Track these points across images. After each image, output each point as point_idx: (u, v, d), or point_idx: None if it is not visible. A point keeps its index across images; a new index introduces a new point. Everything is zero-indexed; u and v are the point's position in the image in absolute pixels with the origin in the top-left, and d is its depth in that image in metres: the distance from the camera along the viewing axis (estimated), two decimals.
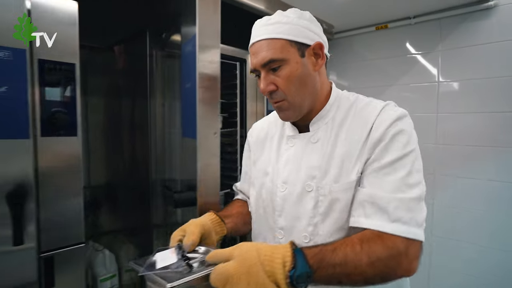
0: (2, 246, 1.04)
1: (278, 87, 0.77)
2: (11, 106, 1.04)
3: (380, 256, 0.61)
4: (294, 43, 0.76)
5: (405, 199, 0.67)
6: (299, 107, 0.79)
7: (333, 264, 0.58)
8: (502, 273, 1.81)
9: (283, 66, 0.76)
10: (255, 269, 0.53)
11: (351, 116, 0.79)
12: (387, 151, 0.71)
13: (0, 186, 1.03)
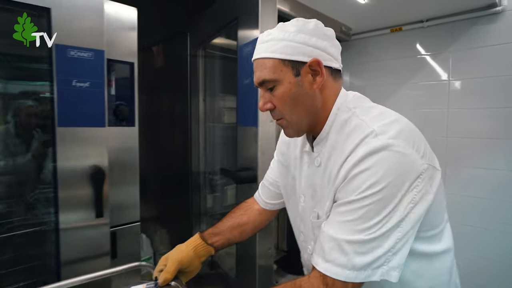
0: (87, 219, 1.21)
1: (275, 106, 0.74)
2: (93, 98, 1.22)
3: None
4: (287, 62, 0.71)
5: (343, 241, 0.63)
6: (297, 126, 0.76)
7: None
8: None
9: (277, 86, 0.72)
10: None
11: (339, 143, 0.72)
12: (345, 190, 0.66)
13: (85, 167, 1.20)
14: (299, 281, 0.68)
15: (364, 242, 0.62)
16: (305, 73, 0.72)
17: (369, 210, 0.62)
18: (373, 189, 0.62)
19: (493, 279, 2.08)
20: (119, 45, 1.41)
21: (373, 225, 0.62)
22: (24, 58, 1.20)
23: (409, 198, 0.63)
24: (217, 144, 1.87)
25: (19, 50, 1.14)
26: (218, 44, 1.71)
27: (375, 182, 0.62)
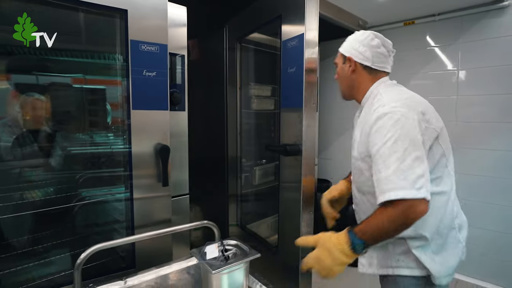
0: (155, 188, 1.44)
1: (337, 78, 1.24)
2: (158, 86, 1.43)
3: (388, 219, 0.91)
4: (342, 55, 1.19)
5: (383, 177, 0.92)
6: (342, 92, 1.24)
7: (371, 232, 0.93)
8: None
9: (337, 66, 1.22)
10: (333, 251, 0.92)
11: (368, 110, 1.09)
12: (371, 144, 0.99)
13: (154, 143, 1.42)
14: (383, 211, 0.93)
15: (400, 170, 0.90)
16: (346, 63, 1.17)
17: (389, 153, 0.92)
18: (384, 140, 0.94)
19: (493, 248, 2.31)
20: (174, 40, 1.63)
21: (396, 160, 0.91)
22: (107, 54, 1.41)
23: (413, 144, 0.93)
24: (251, 129, 2.10)
25: (105, 47, 1.36)
26: (253, 38, 1.92)
27: (384, 136, 0.94)
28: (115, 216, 1.53)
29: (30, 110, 1.38)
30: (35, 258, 1.34)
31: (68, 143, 1.47)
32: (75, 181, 1.49)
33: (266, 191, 2.18)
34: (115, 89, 1.43)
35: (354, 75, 1.16)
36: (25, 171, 1.39)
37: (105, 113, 1.48)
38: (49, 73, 1.42)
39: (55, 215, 1.43)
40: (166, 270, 1.23)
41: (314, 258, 0.96)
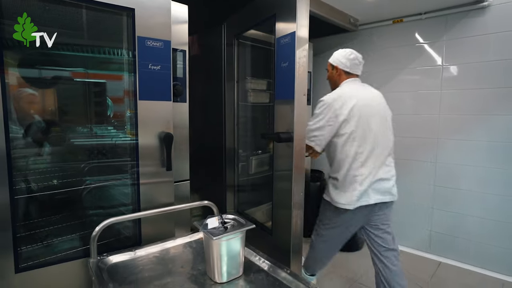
0: (160, 173, 1.57)
1: (327, 78, 1.93)
2: (163, 78, 1.56)
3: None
4: (330, 64, 1.88)
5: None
6: (331, 88, 1.91)
7: None
8: (499, 215, 2.40)
9: (328, 70, 1.91)
10: None
11: None
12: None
13: (158, 131, 1.55)
14: None
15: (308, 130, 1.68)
16: (334, 69, 1.86)
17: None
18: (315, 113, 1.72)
19: (482, 233, 2.49)
20: (176, 36, 1.75)
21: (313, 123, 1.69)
22: (116, 49, 1.54)
23: (324, 119, 1.66)
24: (248, 121, 2.23)
25: (115, 43, 1.49)
26: (250, 35, 2.06)
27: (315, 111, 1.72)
28: (123, 200, 1.67)
29: (45, 102, 1.51)
30: (55, 236, 1.48)
31: (79, 134, 1.61)
32: (87, 168, 1.62)
33: (261, 180, 2.33)
34: (123, 82, 1.55)
35: (338, 76, 1.86)
36: (42, 158, 1.53)
37: (110, 105, 1.61)
38: (62, 68, 1.54)
39: (71, 199, 1.58)
40: (170, 244, 1.37)
41: None
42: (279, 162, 1.65)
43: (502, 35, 2.26)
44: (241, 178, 2.36)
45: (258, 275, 1.14)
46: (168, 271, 1.16)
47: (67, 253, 1.42)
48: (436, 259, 2.67)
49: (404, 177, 2.78)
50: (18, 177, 1.32)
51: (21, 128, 1.40)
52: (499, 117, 2.32)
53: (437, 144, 2.60)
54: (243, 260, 1.14)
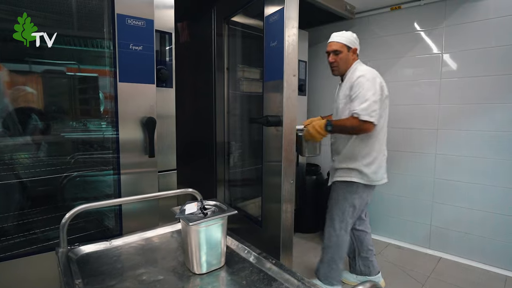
0: (142, 161, 1.48)
1: (335, 61, 1.88)
2: (145, 59, 1.47)
3: (351, 124, 1.74)
4: (346, 46, 1.87)
5: (358, 105, 1.72)
6: (342, 70, 1.91)
7: (337, 123, 1.79)
8: (503, 208, 2.30)
9: (340, 54, 1.86)
10: (318, 125, 1.77)
11: (349, 77, 1.87)
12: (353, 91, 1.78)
13: (140, 116, 1.46)
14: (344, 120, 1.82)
15: (367, 105, 1.71)
16: (351, 52, 1.89)
17: (363, 95, 1.73)
18: (362, 88, 1.75)
19: (485, 227, 2.39)
20: (162, 18, 1.66)
21: (366, 100, 1.72)
22: (94, 28, 1.45)
23: (377, 93, 1.74)
24: (239, 110, 2.14)
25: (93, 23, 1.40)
26: (240, 20, 1.97)
27: (361, 86, 1.76)
28: (104, 191, 1.58)
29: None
30: (29, 228, 1.40)
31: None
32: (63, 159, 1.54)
33: (254, 172, 2.24)
34: (103, 61, 1.46)
35: (352, 58, 1.90)
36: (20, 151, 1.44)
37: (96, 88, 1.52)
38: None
39: (48, 190, 1.49)
40: (150, 233, 1.28)
41: (310, 128, 1.80)
42: (269, 151, 1.56)
43: (505, 19, 2.16)
44: (233, 170, 2.27)
45: (242, 266, 1.05)
46: (145, 261, 1.06)
47: (41, 245, 1.34)
48: (436, 254, 2.57)
49: (403, 169, 2.69)
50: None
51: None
52: (503, 106, 2.22)
53: (436, 135, 2.51)
54: (224, 250, 1.05)
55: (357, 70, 1.81)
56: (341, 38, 1.85)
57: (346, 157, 1.88)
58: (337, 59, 1.85)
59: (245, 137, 2.27)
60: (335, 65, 1.87)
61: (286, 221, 1.52)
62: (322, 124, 1.75)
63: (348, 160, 1.87)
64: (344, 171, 1.89)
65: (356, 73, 1.78)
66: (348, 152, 1.88)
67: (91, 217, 1.62)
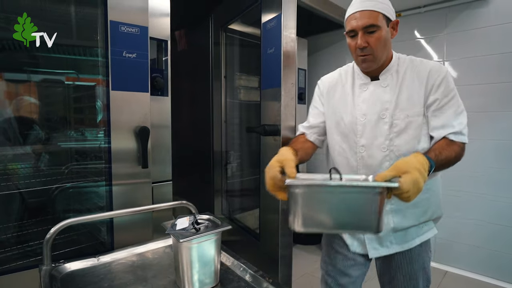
0: (135, 172, 1.43)
1: (369, 45, 1.05)
2: (139, 67, 1.43)
3: (454, 155, 1.07)
4: (386, 17, 1.06)
5: (463, 123, 1.11)
6: (379, 59, 1.09)
7: (441, 159, 1.02)
8: (508, 219, 2.22)
9: (377, 30, 1.04)
10: (423, 172, 0.89)
11: (409, 70, 1.12)
12: (444, 92, 1.08)
13: (134, 126, 1.41)
14: (446, 142, 1.09)
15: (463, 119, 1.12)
16: (391, 26, 1.10)
17: (460, 104, 1.11)
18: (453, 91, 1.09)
19: (492, 240, 2.31)
20: (157, 25, 1.63)
21: (462, 108, 1.12)
22: (84, 34, 1.41)
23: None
24: (236, 119, 2.10)
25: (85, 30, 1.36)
26: (237, 28, 1.94)
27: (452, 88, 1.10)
28: (95, 203, 1.52)
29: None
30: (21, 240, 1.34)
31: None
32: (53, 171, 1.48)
33: (250, 181, 2.18)
34: (96, 70, 1.42)
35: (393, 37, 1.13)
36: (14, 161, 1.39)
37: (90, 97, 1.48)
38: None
39: (36, 203, 1.43)
40: (141, 249, 1.22)
41: (412, 182, 0.87)
42: (266, 161, 1.50)
43: (506, 26, 2.13)
44: (230, 180, 2.21)
45: (237, 285, 0.98)
46: (134, 280, 1.00)
47: (24, 262, 1.27)
48: (442, 268, 2.48)
49: None
50: None
51: None
52: (507, 114, 2.17)
53: None
54: (218, 267, 0.98)
55: (419, 62, 1.13)
56: (376, 4, 1.04)
57: (425, 205, 1.20)
58: (372, 42, 1.05)
59: (243, 146, 2.21)
60: (368, 52, 1.07)
61: (284, 235, 1.45)
62: (424, 162, 0.93)
63: (427, 208, 1.23)
64: (420, 228, 1.25)
65: (422, 66, 1.11)
66: (430, 198, 1.22)
67: (83, 230, 1.56)
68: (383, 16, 1.05)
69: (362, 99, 1.16)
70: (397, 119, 1.10)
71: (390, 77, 1.13)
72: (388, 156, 1.12)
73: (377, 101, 1.13)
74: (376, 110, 1.13)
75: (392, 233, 1.19)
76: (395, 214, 1.17)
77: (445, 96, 1.08)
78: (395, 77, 1.13)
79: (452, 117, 1.09)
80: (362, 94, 1.17)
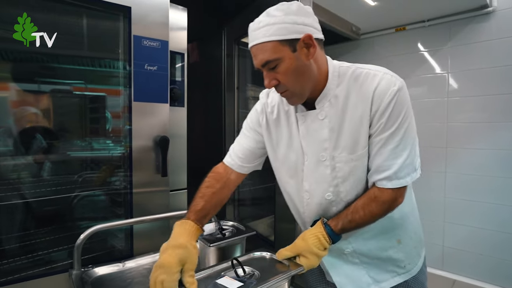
0: (155, 180, 1.47)
1: (279, 81, 0.84)
2: (159, 79, 1.49)
3: (377, 213, 0.88)
4: (284, 41, 0.80)
5: (399, 163, 0.85)
6: (300, 93, 0.87)
7: (350, 228, 0.89)
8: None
9: (279, 64, 0.82)
10: (320, 254, 0.86)
11: (352, 92, 0.87)
12: (386, 124, 0.83)
13: (154, 135, 1.47)
14: (372, 195, 0.89)
15: (407, 158, 0.86)
16: (300, 47, 0.82)
17: (404, 132, 0.84)
18: (406, 116, 0.84)
19: (501, 249, 2.33)
20: (175, 39, 1.70)
21: (408, 144, 0.85)
22: (111, 49, 1.47)
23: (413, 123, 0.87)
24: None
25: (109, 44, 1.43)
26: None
27: (406, 112, 0.84)
28: (115, 211, 1.55)
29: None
30: (40, 249, 1.37)
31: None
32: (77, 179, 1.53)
33: (261, 189, 2.21)
34: (119, 81, 1.48)
35: (313, 59, 0.85)
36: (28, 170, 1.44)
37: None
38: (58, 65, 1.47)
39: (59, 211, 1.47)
40: None
41: (308, 265, 0.88)
42: None
43: (508, 40, 2.20)
44: (242, 189, 2.25)
45: None
46: None
47: (52, 266, 1.30)
48: (450, 276, 2.50)
49: (413, 189, 2.66)
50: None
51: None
52: (510, 125, 2.22)
53: (446, 154, 2.50)
54: None
55: (363, 77, 0.88)
56: (266, 30, 0.81)
57: (415, 233, 1.08)
58: (280, 78, 0.85)
59: None
60: (282, 89, 0.88)
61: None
62: (325, 243, 0.89)
63: (417, 237, 1.08)
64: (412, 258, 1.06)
65: (366, 84, 0.86)
66: (415, 224, 1.09)
67: (98, 238, 1.59)
68: (280, 42, 0.80)
69: (302, 135, 0.94)
70: (339, 162, 0.90)
71: (328, 105, 0.89)
72: (335, 201, 0.94)
73: (315, 139, 0.91)
74: (314, 149, 0.92)
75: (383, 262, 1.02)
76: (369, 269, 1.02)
77: (388, 128, 0.84)
78: (335, 105, 0.89)
79: (391, 154, 0.85)
80: (301, 127, 0.94)
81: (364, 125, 0.85)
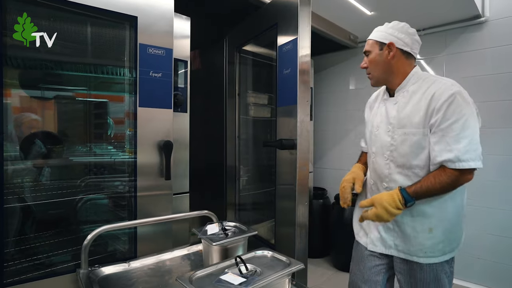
0: (158, 183, 1.51)
1: (367, 66, 1.31)
2: (164, 86, 1.54)
3: (446, 181, 1.11)
4: (377, 42, 1.26)
5: (459, 148, 1.09)
6: (376, 78, 1.30)
7: (422, 192, 1.12)
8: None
9: (369, 54, 1.29)
10: (389, 209, 1.11)
11: (420, 90, 1.19)
12: (443, 118, 1.11)
13: (158, 140, 1.51)
14: (442, 169, 1.13)
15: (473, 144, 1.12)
16: (385, 49, 1.24)
17: (463, 128, 1.10)
18: (459, 116, 1.11)
19: (490, 250, 2.36)
20: (178, 47, 1.76)
21: (469, 134, 1.11)
22: (117, 56, 1.53)
23: (476, 122, 1.15)
24: (249, 133, 2.20)
25: (116, 51, 1.49)
26: (251, 49, 2.08)
27: (459, 113, 1.10)
28: (119, 213, 1.59)
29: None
30: (46, 251, 1.40)
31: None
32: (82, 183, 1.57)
33: (261, 194, 2.25)
34: (124, 88, 1.53)
35: (393, 60, 1.23)
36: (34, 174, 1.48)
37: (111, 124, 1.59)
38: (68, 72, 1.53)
39: (64, 214, 1.50)
40: (167, 255, 1.29)
41: (374, 215, 1.14)
42: (282, 175, 1.59)
43: (500, 49, 2.27)
44: (242, 193, 2.29)
45: None
46: (164, 283, 1.07)
47: (57, 268, 1.34)
48: (454, 282, 2.51)
49: None
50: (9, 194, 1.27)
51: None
52: (509, 130, 2.28)
53: None
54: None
55: (428, 81, 1.20)
56: (373, 33, 1.30)
57: (451, 232, 1.27)
58: (367, 64, 1.31)
59: (255, 161, 2.31)
60: (367, 72, 1.33)
61: (300, 247, 1.53)
62: (397, 201, 1.11)
63: (451, 237, 1.28)
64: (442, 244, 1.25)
65: (432, 87, 1.16)
66: (454, 224, 1.29)
67: (101, 241, 1.62)
68: (375, 42, 1.27)
69: (379, 113, 1.33)
70: (396, 134, 1.23)
71: (402, 95, 1.25)
72: (388, 165, 1.26)
73: (387, 116, 1.28)
74: (384, 124, 1.29)
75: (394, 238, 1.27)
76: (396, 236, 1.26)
77: (446, 120, 1.10)
78: (406, 96, 1.23)
79: (452, 142, 1.10)
80: (379, 109, 1.34)
81: (421, 115, 1.16)
